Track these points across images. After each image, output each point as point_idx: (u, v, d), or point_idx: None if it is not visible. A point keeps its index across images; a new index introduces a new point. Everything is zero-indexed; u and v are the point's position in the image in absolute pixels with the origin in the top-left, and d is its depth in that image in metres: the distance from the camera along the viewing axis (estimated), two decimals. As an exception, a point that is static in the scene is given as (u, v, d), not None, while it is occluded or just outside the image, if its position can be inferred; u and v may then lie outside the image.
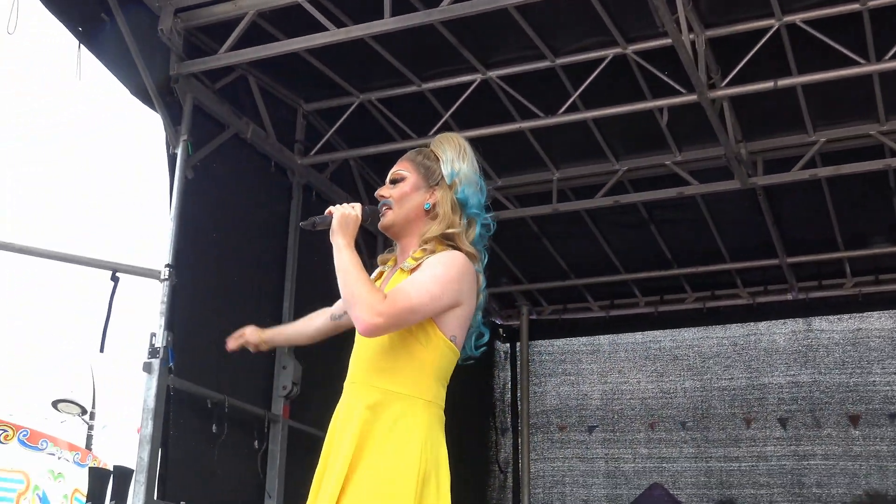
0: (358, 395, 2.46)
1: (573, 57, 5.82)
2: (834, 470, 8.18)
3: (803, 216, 7.41)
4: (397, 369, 2.45)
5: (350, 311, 2.41)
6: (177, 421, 5.16)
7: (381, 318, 2.35)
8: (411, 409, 2.42)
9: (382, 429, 2.39)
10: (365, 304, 2.36)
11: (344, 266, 2.44)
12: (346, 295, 2.41)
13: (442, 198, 2.59)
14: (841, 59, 5.44)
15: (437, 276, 2.44)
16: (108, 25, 5.00)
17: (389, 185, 2.64)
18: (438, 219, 2.59)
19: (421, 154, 2.66)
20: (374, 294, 2.38)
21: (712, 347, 8.74)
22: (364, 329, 2.37)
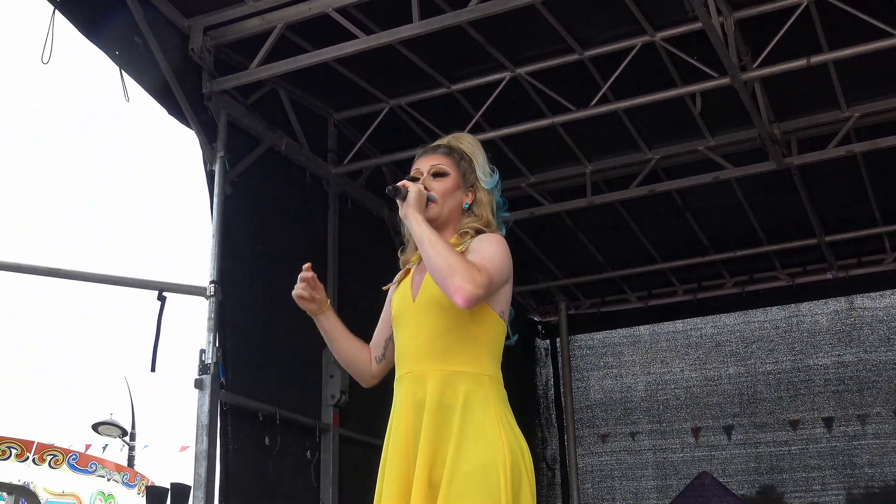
0: (420, 383, 2.48)
1: (601, 48, 5.80)
2: (886, 448, 8.11)
3: (840, 193, 7.35)
4: (456, 349, 2.50)
5: (447, 280, 2.39)
6: (232, 435, 5.19)
7: (481, 289, 2.39)
8: (478, 387, 2.48)
9: (456, 411, 2.42)
10: (465, 273, 2.38)
11: (431, 237, 2.47)
12: (441, 264, 2.41)
13: (483, 200, 2.69)
14: (872, 31, 5.39)
15: (497, 252, 2.52)
16: (141, 48, 5.04)
17: (431, 178, 2.66)
18: (479, 218, 2.68)
19: (457, 153, 2.72)
20: (470, 264, 2.42)
21: (754, 332, 8.69)
22: (466, 298, 2.37)
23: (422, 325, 2.53)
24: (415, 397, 2.47)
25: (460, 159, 2.70)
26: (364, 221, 6.75)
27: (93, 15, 4.86)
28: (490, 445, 2.39)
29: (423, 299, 2.57)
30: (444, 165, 2.68)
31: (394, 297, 2.74)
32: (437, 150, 2.73)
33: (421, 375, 2.49)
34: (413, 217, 2.52)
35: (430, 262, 2.44)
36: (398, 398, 2.54)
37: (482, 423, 2.42)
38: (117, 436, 16.02)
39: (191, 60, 5.38)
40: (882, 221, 7.67)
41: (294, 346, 5.92)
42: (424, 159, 2.72)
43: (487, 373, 2.51)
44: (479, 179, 2.69)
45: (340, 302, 6.26)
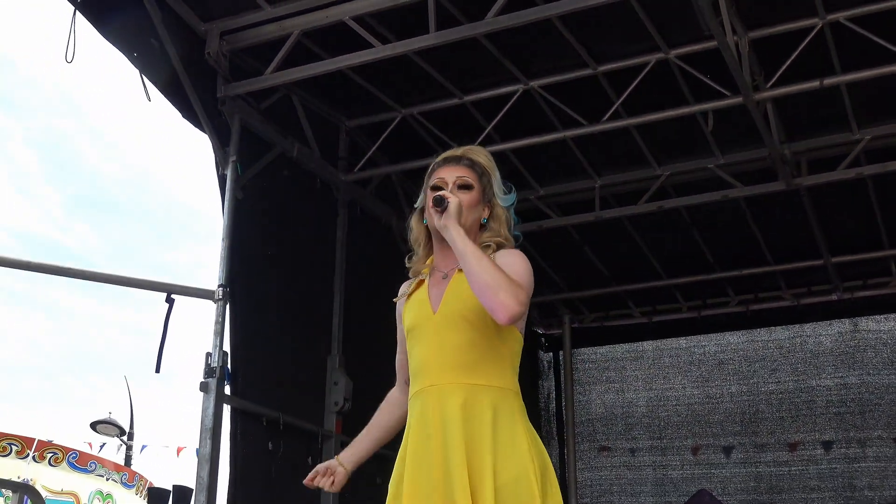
0: (447, 396, 2.47)
1: (615, 64, 5.82)
2: (886, 472, 8.10)
3: (847, 215, 7.36)
4: (482, 364, 2.51)
5: (492, 295, 2.39)
6: (240, 439, 5.20)
7: (523, 306, 2.42)
8: (504, 401, 2.50)
9: (487, 424, 2.43)
10: (510, 290, 2.39)
11: (475, 251, 2.47)
12: (488, 279, 2.40)
13: (501, 216, 2.70)
14: (885, 55, 5.41)
15: (526, 270, 2.55)
16: (157, 50, 5.07)
17: (456, 189, 2.65)
18: (495, 233, 2.68)
19: (479, 167, 2.71)
20: (513, 281, 2.43)
21: (758, 351, 8.69)
22: (510, 315, 2.38)
23: (446, 339, 2.52)
24: (443, 410, 2.46)
25: (482, 174, 2.69)
26: (373, 229, 6.76)
27: (112, 16, 4.89)
28: (521, 457, 2.41)
29: (446, 312, 2.55)
30: (469, 178, 2.66)
31: (407, 307, 2.71)
32: (460, 161, 2.70)
33: (447, 388, 2.48)
34: (455, 229, 2.50)
35: (474, 276, 2.43)
36: (422, 409, 2.51)
37: (512, 437, 2.44)
38: (115, 435, 16.02)
39: (206, 64, 5.40)
40: (889, 244, 7.68)
41: (300, 352, 5.94)
42: (448, 169, 2.69)
43: (511, 387, 2.54)
44: (496, 195, 2.70)
45: (347, 308, 6.28)
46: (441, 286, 2.61)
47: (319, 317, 6.17)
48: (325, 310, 6.22)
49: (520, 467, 2.39)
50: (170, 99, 5.19)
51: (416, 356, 2.60)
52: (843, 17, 5.33)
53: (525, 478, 2.38)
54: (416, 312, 2.64)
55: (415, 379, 2.59)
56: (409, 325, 2.65)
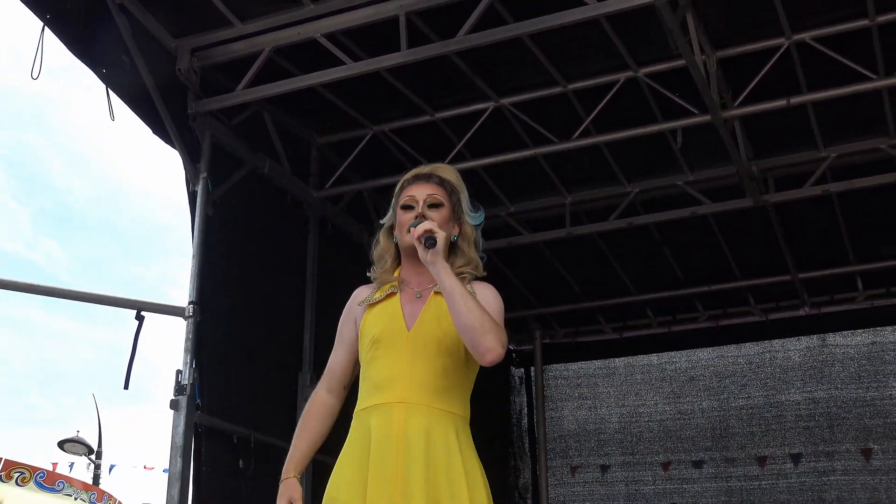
0: (413, 414, 2.46)
1: (585, 82, 5.88)
2: (854, 485, 8.18)
3: (814, 231, 7.44)
4: (449, 390, 2.52)
5: (479, 338, 2.39)
6: (206, 457, 5.16)
7: (505, 349, 2.43)
8: (463, 429, 2.52)
9: (453, 453, 2.44)
10: (496, 334, 2.41)
11: (462, 292, 2.44)
12: (475, 322, 2.39)
13: (469, 235, 2.67)
14: (850, 74, 5.50)
15: (501, 309, 2.59)
16: (127, 66, 5.05)
17: (427, 207, 2.62)
18: (465, 256, 2.65)
19: (448, 184, 2.69)
20: (499, 325, 2.45)
21: (728, 367, 8.76)
22: (494, 359, 2.40)
23: (419, 359, 2.50)
24: (406, 429, 2.45)
25: (451, 191, 2.68)
26: (344, 246, 6.76)
27: (81, 32, 4.87)
28: (481, 488, 2.45)
29: (422, 334, 2.53)
30: (440, 196, 2.63)
31: (370, 317, 2.63)
32: (430, 179, 2.67)
33: (415, 409, 2.47)
34: (442, 266, 2.47)
35: (462, 317, 2.41)
36: (385, 424, 2.48)
37: (473, 466, 2.47)
38: (83, 454, 15.84)
39: (177, 81, 5.39)
40: (855, 260, 7.78)
41: (270, 369, 5.91)
42: (418, 187, 2.65)
43: (466, 415, 2.57)
44: (465, 213, 2.67)
45: (318, 325, 6.26)
46: (415, 304, 2.59)
47: (291, 333, 6.15)
48: (296, 326, 6.20)
49: (483, 495, 2.43)
50: (140, 115, 5.18)
51: (382, 369, 2.55)
52: (809, 38, 5.41)
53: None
54: (386, 324, 2.59)
55: (375, 391, 2.54)
56: (377, 336, 2.58)
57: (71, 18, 4.84)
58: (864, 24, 5.26)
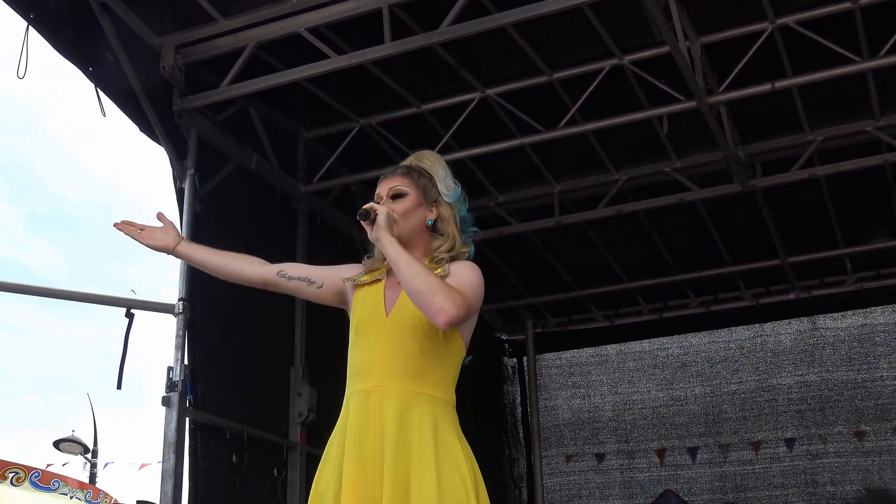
0: (388, 398, 2.49)
1: (570, 70, 5.87)
2: (847, 467, 8.23)
3: (803, 215, 7.46)
4: (427, 372, 2.54)
5: (428, 300, 2.41)
6: (199, 453, 5.17)
7: (462, 310, 2.43)
8: (444, 412, 2.53)
9: (425, 436, 2.45)
10: (446, 294, 2.42)
11: (407, 258, 2.48)
12: (421, 285, 2.42)
13: (447, 216, 2.71)
14: (835, 57, 5.51)
15: (474, 280, 2.58)
16: (113, 64, 5.04)
17: (389, 200, 2.67)
18: (447, 237, 2.70)
19: (415, 171, 2.73)
20: (449, 286, 2.45)
21: (719, 352, 8.80)
22: (448, 318, 2.40)
23: (395, 343, 2.53)
24: (382, 413, 2.48)
25: (419, 177, 2.71)
26: (333, 240, 6.76)
27: (66, 31, 4.85)
28: (460, 471, 2.44)
29: (398, 317, 2.57)
30: (402, 186, 2.68)
31: (360, 297, 2.70)
32: (396, 172, 2.74)
33: (390, 392, 2.49)
34: (386, 239, 2.52)
35: (408, 284, 2.45)
36: (363, 410, 2.50)
37: (451, 449, 2.47)
38: (79, 453, 15.83)
39: (162, 78, 5.38)
40: (843, 243, 7.79)
41: (262, 364, 5.92)
42: (384, 183, 2.73)
43: (450, 399, 2.58)
44: (441, 194, 2.71)
45: (309, 319, 6.27)
46: (396, 290, 2.62)
47: (281, 328, 6.16)
48: (287, 321, 6.20)
49: (457, 480, 2.42)
50: (126, 113, 5.17)
51: (361, 355, 2.60)
52: (793, 21, 5.42)
53: (463, 489, 2.41)
54: (367, 310, 2.65)
55: (355, 378, 2.59)
56: (358, 321, 2.65)
57: (55, 18, 4.81)
58: (847, 6, 5.26)
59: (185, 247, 2.99)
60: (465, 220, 2.76)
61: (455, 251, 2.68)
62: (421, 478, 2.40)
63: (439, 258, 2.64)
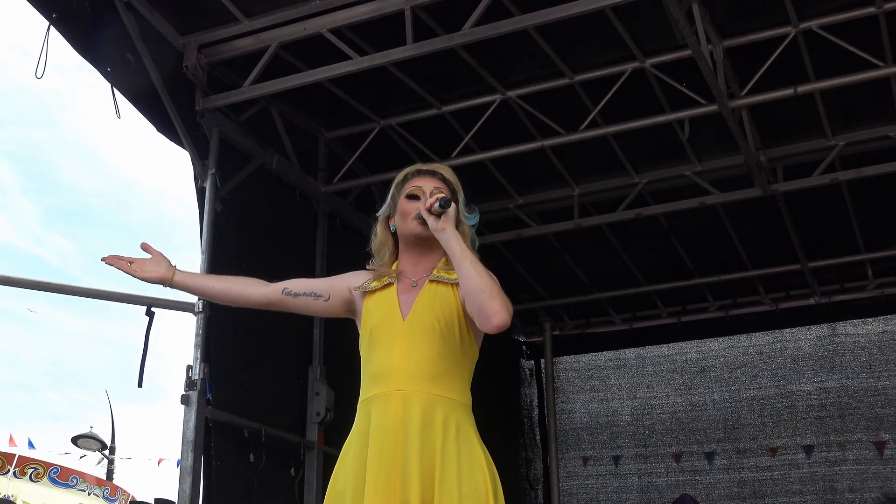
0: (412, 403, 2.48)
1: (592, 73, 5.87)
2: (866, 474, 8.15)
3: (824, 220, 7.42)
4: (446, 376, 2.53)
5: (487, 301, 2.41)
6: (216, 452, 5.18)
7: (510, 315, 2.43)
8: (464, 415, 2.54)
9: (449, 437, 2.46)
10: (504, 299, 2.43)
11: (473, 257, 2.49)
12: (484, 286, 2.43)
13: (465, 233, 2.66)
14: (858, 62, 5.48)
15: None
16: (132, 64, 5.07)
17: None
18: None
19: (450, 185, 2.70)
20: (503, 293, 2.45)
21: (738, 357, 8.74)
22: (502, 322, 2.41)
23: (414, 347, 2.52)
24: (405, 416, 2.47)
25: (453, 191, 2.69)
26: (352, 240, 6.75)
27: (87, 31, 4.88)
28: (482, 472, 2.45)
29: (416, 321, 2.56)
30: (444, 192, 2.64)
31: (372, 304, 2.67)
32: (434, 175, 2.70)
33: (412, 395, 2.49)
34: (453, 233, 2.51)
35: (472, 280, 2.44)
36: (383, 413, 2.50)
37: (472, 451, 2.48)
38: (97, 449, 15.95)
39: (184, 77, 5.41)
40: (865, 249, 7.75)
41: (280, 364, 5.94)
42: (424, 179, 2.68)
43: (469, 402, 2.58)
44: (461, 214, 2.68)
45: (327, 320, 6.27)
46: (410, 294, 2.62)
47: (300, 328, 6.17)
48: (305, 321, 6.21)
49: (479, 481, 2.43)
50: (145, 113, 5.19)
51: (379, 359, 2.58)
52: (816, 26, 5.39)
53: (484, 491, 2.42)
54: (382, 315, 2.62)
55: (374, 381, 2.57)
56: (373, 326, 2.62)
57: (77, 18, 4.85)
58: (871, 11, 5.24)
59: (182, 276, 2.85)
60: (475, 242, 2.71)
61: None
62: (446, 480, 2.41)
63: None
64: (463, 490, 2.40)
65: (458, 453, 2.44)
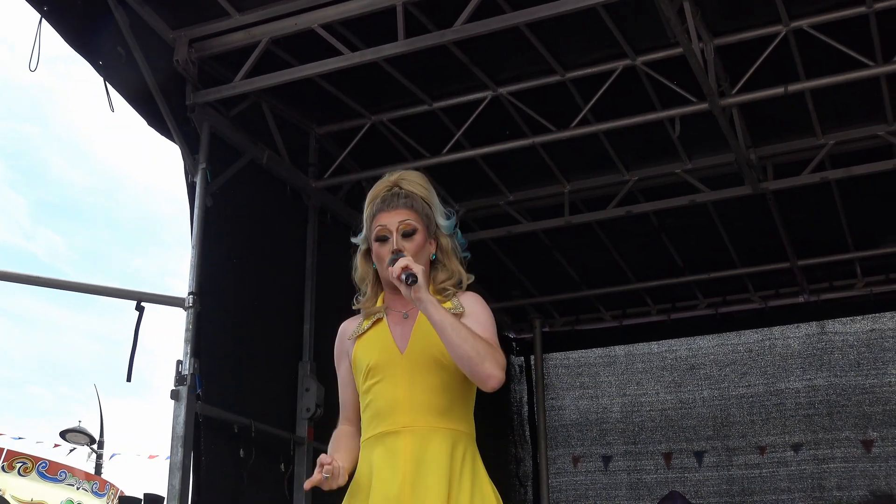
0: (418, 437, 2.44)
1: (583, 70, 5.88)
2: (854, 472, 8.19)
3: (813, 219, 7.45)
4: (454, 408, 2.50)
5: (477, 367, 2.36)
6: (206, 447, 5.18)
7: (504, 370, 2.41)
8: (471, 446, 2.51)
9: (465, 470, 2.44)
10: (494, 359, 2.38)
11: (453, 323, 2.40)
12: (470, 352, 2.35)
13: (447, 247, 2.63)
14: (848, 61, 5.50)
15: (491, 321, 2.55)
16: (124, 58, 5.06)
17: (401, 238, 2.55)
18: (448, 269, 2.63)
19: (418, 202, 2.61)
20: (493, 348, 2.41)
21: (728, 355, 8.77)
22: (497, 384, 2.39)
23: (417, 380, 2.47)
24: (415, 452, 2.42)
25: (423, 207, 2.60)
26: (343, 236, 6.65)
27: (78, 24, 4.87)
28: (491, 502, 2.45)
29: (416, 353, 2.51)
30: (412, 221, 2.56)
31: (361, 348, 2.60)
32: (399, 201, 2.59)
33: (421, 432, 2.45)
34: (427, 299, 2.40)
35: (456, 349, 2.37)
36: (391, 450, 2.44)
37: (482, 483, 2.46)
38: (85, 443, 15.93)
39: (175, 72, 5.39)
40: (854, 247, 7.79)
41: (270, 359, 5.93)
42: (388, 214, 2.58)
43: (472, 432, 2.54)
44: (439, 226, 2.61)
45: (318, 314, 6.28)
46: (404, 326, 2.56)
47: (290, 323, 6.17)
48: (295, 316, 6.21)
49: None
50: (136, 107, 5.18)
51: (382, 396, 2.51)
52: (807, 25, 5.41)
53: None
54: (379, 352, 2.55)
55: (378, 419, 2.50)
56: (372, 365, 2.54)
57: (68, 10, 4.84)
58: (862, 10, 5.26)
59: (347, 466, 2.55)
60: (461, 245, 2.67)
61: (463, 284, 2.61)
62: None
63: (447, 291, 2.58)
64: None
65: (472, 487, 2.42)
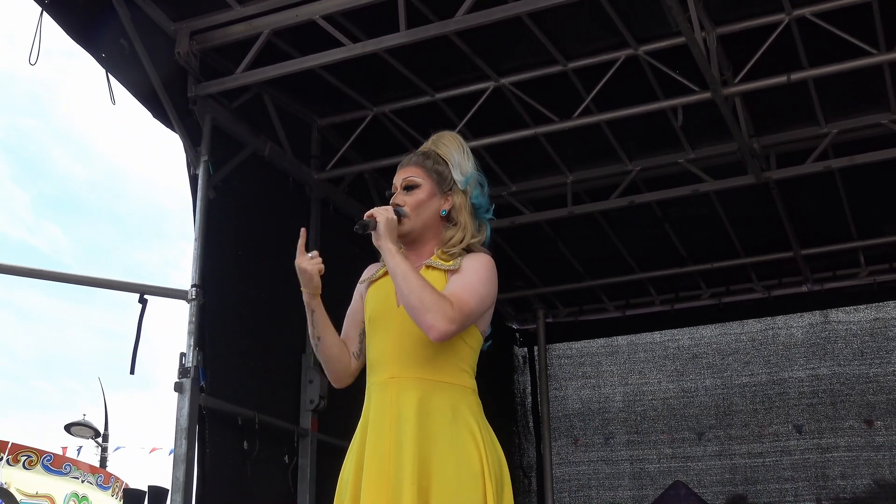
0: (406, 389, 2.48)
1: (585, 60, 5.86)
2: (857, 461, 8.19)
3: (816, 208, 7.44)
4: (442, 360, 2.52)
5: (419, 317, 2.41)
6: (210, 439, 5.19)
7: (454, 325, 2.41)
8: (462, 397, 2.52)
9: (443, 422, 2.45)
10: (438, 310, 2.39)
11: (403, 271, 2.45)
12: (414, 301, 2.41)
13: (459, 204, 2.66)
14: (851, 50, 5.47)
15: (483, 279, 2.54)
16: (126, 51, 5.05)
17: (403, 192, 2.66)
18: (459, 227, 2.66)
19: (430, 159, 2.69)
20: (444, 300, 2.42)
21: (731, 344, 8.76)
22: (439, 336, 2.40)
23: (407, 333, 2.52)
24: (399, 403, 2.47)
25: (434, 164, 2.67)
26: (346, 227, 6.71)
27: (80, 17, 4.86)
28: (475, 457, 2.44)
29: None
30: (416, 177, 2.65)
31: (370, 294, 2.70)
32: (411, 160, 2.70)
33: (407, 382, 2.49)
34: (386, 248, 2.50)
35: (403, 297, 2.45)
36: (380, 402, 2.51)
37: (467, 434, 2.46)
38: (90, 437, 15.97)
39: (176, 64, 5.39)
40: (857, 236, 7.77)
41: (274, 351, 5.94)
42: (399, 173, 2.70)
43: (468, 385, 2.56)
44: (455, 181, 2.66)
45: (321, 307, 6.27)
46: None
47: (293, 315, 6.11)
48: (298, 308, 6.13)
49: (475, 467, 2.42)
50: (140, 99, 5.18)
51: (375, 347, 2.60)
52: (809, 13, 5.39)
53: (479, 476, 2.41)
54: (379, 302, 2.63)
55: (373, 370, 2.60)
56: (371, 314, 2.64)
57: (70, 3, 4.83)
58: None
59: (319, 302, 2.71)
60: (481, 206, 2.70)
61: (467, 241, 2.65)
62: (442, 468, 2.40)
63: (452, 251, 2.62)
64: (450, 477, 2.38)
65: (450, 439, 2.43)
